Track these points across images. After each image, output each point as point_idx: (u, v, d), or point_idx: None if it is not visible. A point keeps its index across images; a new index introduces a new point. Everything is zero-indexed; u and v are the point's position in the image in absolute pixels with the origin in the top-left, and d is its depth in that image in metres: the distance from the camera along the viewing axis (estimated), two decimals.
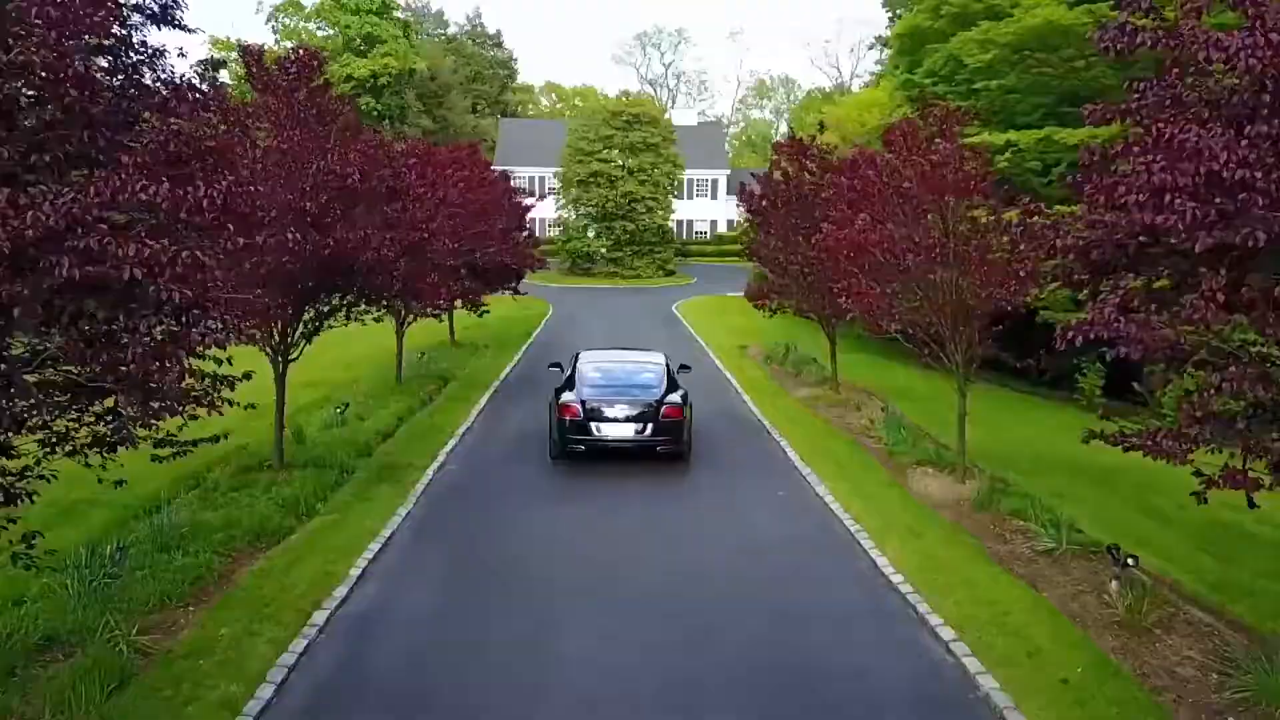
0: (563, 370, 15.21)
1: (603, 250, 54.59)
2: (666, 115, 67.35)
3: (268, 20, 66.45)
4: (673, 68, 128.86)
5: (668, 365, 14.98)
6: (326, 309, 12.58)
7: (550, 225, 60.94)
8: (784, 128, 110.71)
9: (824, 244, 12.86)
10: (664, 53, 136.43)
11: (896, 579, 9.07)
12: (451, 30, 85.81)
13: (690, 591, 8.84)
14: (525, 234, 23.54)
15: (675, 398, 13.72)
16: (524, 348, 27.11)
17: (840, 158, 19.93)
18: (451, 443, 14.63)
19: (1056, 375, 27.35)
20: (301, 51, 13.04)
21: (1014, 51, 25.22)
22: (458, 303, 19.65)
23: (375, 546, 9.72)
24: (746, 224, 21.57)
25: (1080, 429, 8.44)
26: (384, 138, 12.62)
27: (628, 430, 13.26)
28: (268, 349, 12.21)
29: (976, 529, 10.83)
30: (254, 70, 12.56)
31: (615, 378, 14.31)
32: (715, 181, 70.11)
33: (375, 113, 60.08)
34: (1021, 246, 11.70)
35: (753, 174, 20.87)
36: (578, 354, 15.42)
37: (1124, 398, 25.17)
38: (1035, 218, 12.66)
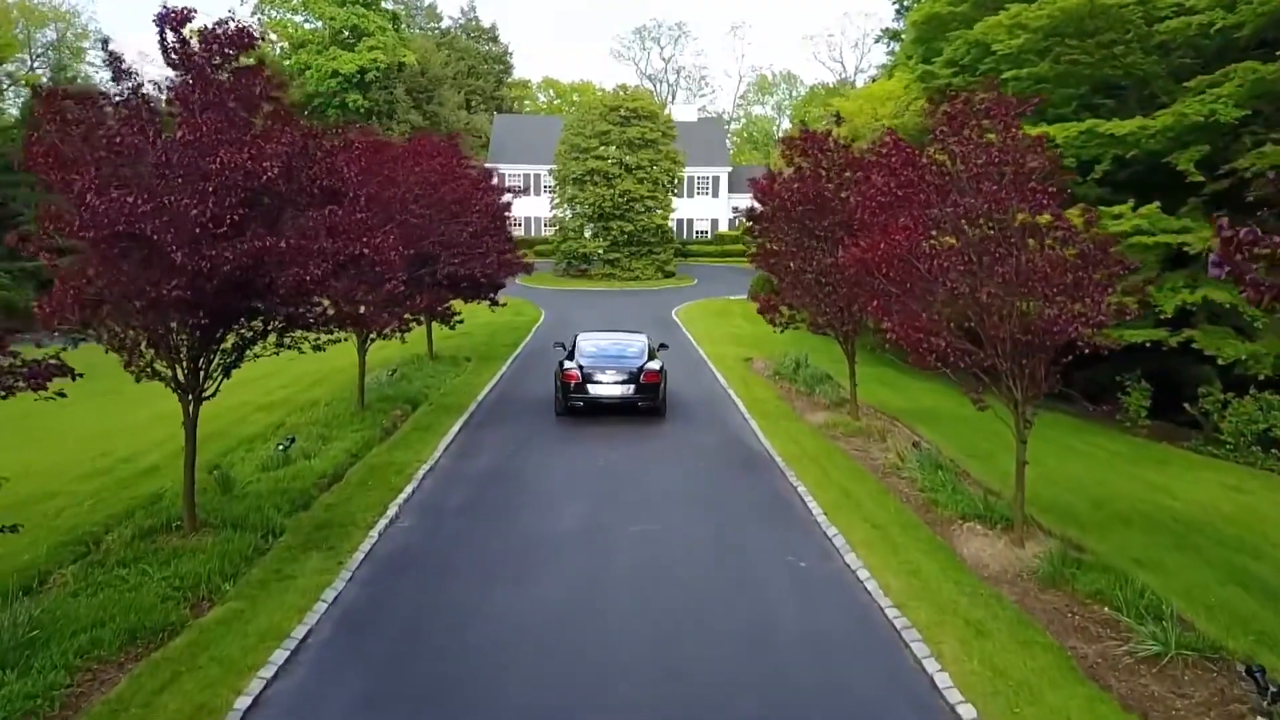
0: (565, 348, 18.74)
1: (599, 251, 52.28)
2: (666, 111, 65.09)
3: (253, 13, 64.13)
4: (672, 63, 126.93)
5: (648, 342, 18.72)
6: (250, 335, 10.34)
7: (546, 225, 58.70)
8: (786, 124, 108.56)
9: (857, 258, 10.58)
10: (663, 47, 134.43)
11: (966, 715, 6.81)
12: (445, 24, 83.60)
13: None
14: (506, 237, 21.07)
15: (653, 365, 17.39)
16: (509, 360, 24.85)
17: (861, 152, 17.65)
18: (408, 489, 12.37)
19: (1090, 390, 25.12)
20: (231, 24, 10.68)
21: (1047, 37, 22.94)
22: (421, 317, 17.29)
23: (279, 658, 7.44)
24: (751, 225, 19.21)
25: (1130, 455, 6.13)
26: (315, 127, 10.27)
27: (615, 390, 16.90)
28: (173, 386, 9.97)
29: (1051, 618, 8.58)
30: (170, 42, 10.24)
31: (606, 350, 17.82)
32: (716, 179, 67.86)
33: (363, 108, 57.87)
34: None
35: (765, 173, 18.49)
36: (577, 334, 18.97)
37: (1162, 415, 22.99)
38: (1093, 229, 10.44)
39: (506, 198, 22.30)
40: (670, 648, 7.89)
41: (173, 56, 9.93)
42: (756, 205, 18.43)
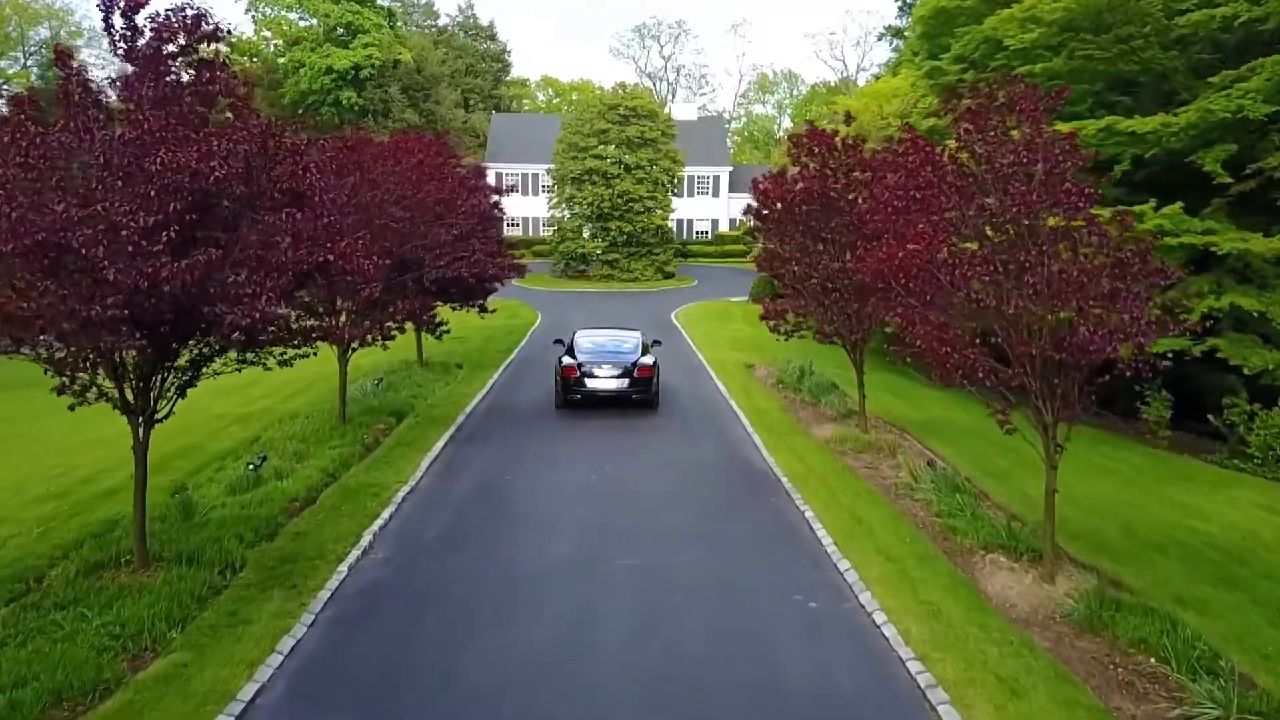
0: (564, 344, 19.63)
1: (598, 252, 51.36)
2: (666, 110, 64.14)
3: (247, 10, 63.16)
4: (672, 61, 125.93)
5: (642, 338, 19.45)
6: (206, 351, 9.43)
7: (544, 225, 57.81)
8: (787, 123, 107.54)
9: (874, 267, 9.66)
10: (663, 45, 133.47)
11: None
12: (442, 22, 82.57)
13: None
14: (496, 239, 20.04)
15: (647, 360, 18.20)
16: (502, 367, 23.94)
17: (870, 152, 16.75)
18: (385, 514, 11.46)
19: (1103, 398, 24.20)
20: (189, 11, 9.73)
21: (1062, 31, 22.01)
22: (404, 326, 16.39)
23: None
24: (754, 227, 18.32)
25: (1155, 471, 5.29)
26: (276, 123, 9.35)
27: (611, 384, 17.72)
28: (120, 408, 9.07)
29: (1091, 671, 7.68)
30: (117, 29, 9.31)
31: (603, 346, 18.64)
32: (717, 178, 66.96)
33: (357, 106, 56.92)
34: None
35: (766, 174, 17.57)
36: (575, 331, 19.84)
37: (1180, 424, 22.04)
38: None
39: (498, 197, 21.36)
40: (664, 710, 6.99)
41: (120, 45, 9.03)
42: (759, 205, 17.51)
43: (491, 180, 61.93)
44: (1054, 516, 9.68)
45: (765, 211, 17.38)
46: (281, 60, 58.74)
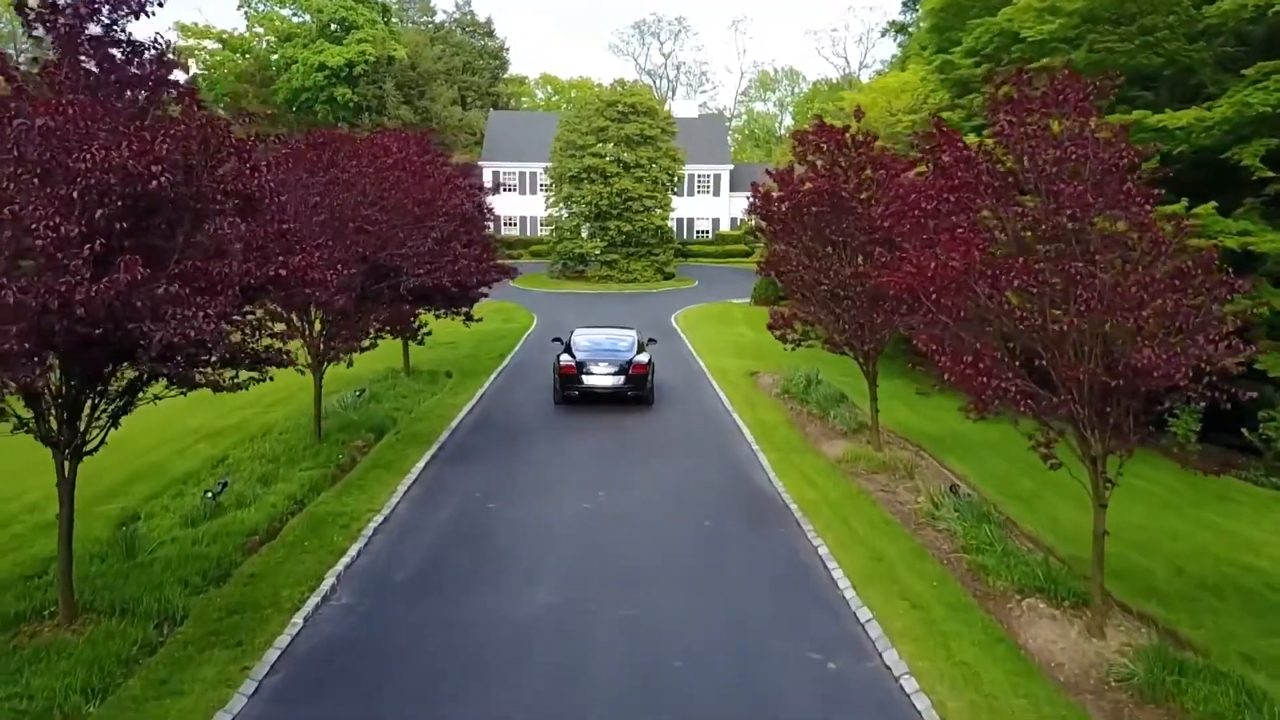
0: (562, 342, 19.98)
1: (596, 252, 50.20)
2: (666, 107, 63.02)
3: (239, 5, 61.95)
4: (672, 58, 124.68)
5: (638, 337, 19.89)
6: (136, 375, 8.29)
7: (542, 224, 56.67)
8: (789, 121, 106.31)
9: (904, 282, 8.50)
10: (663, 42, 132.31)
11: None
12: (439, 18, 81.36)
13: None
14: (482, 243, 18.71)
15: (642, 358, 18.60)
16: (493, 375, 22.80)
17: (882, 148, 15.63)
18: (353, 550, 10.34)
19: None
20: None
21: (1083, 21, 20.86)
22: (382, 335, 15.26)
23: None
24: (758, 231, 17.21)
25: (1189, 493, 4.53)
26: (220, 118, 8.21)
27: (607, 381, 18.14)
28: (40, 438, 7.96)
29: None
30: (27, 3, 8.17)
31: (600, 344, 19.08)
32: (718, 177, 65.80)
33: (351, 103, 55.74)
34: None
35: (768, 171, 16.42)
36: (573, 330, 20.23)
37: (1206, 437, 20.87)
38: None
39: (485, 196, 20.21)
40: None
41: (32, 16, 7.89)
42: (763, 205, 16.37)
43: (489, 179, 60.77)
44: (1103, 563, 8.55)
45: (770, 212, 16.25)
46: (274, 57, 57.55)
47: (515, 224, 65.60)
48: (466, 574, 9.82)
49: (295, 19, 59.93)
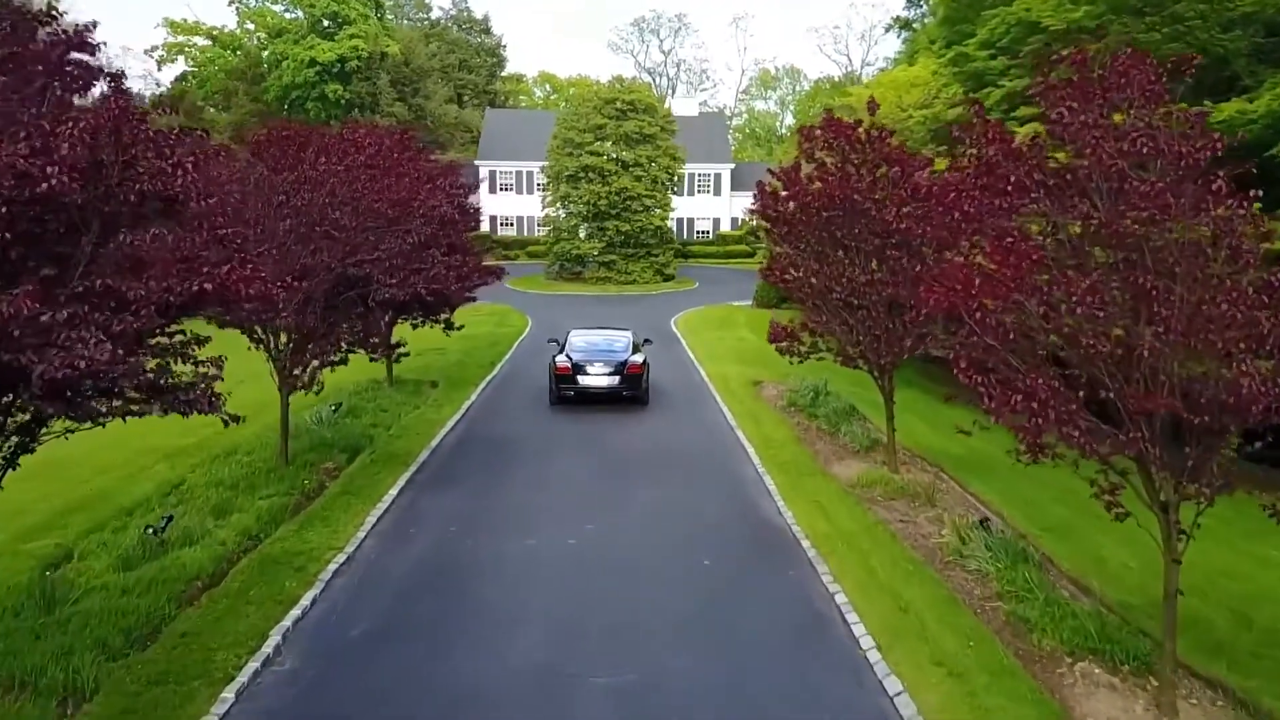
0: (558, 343, 19.94)
1: (594, 253, 48.92)
2: (666, 105, 61.82)
3: (230, 2, 60.65)
4: (672, 55, 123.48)
5: (633, 337, 19.84)
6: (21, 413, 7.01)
7: (539, 224, 55.43)
8: (790, 120, 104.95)
9: (942, 302, 7.23)
10: (663, 40, 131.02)
11: None
12: (435, 14, 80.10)
13: None
14: (464, 247, 17.30)
15: (637, 358, 18.59)
16: (482, 385, 21.54)
17: (901, 146, 14.39)
18: (306, 600, 9.08)
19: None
20: None
21: (1109, 9, 19.62)
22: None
23: None
24: (763, 233, 15.98)
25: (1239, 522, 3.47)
26: (136, 106, 6.92)
27: (602, 381, 18.14)
28: None
29: None
30: None
31: (595, 344, 19.12)
32: (718, 176, 64.57)
33: (343, 101, 54.43)
34: None
35: (770, 170, 15.17)
36: (569, 331, 20.17)
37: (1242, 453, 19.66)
38: None
39: (468, 196, 18.92)
40: None
41: None
42: (767, 205, 15.11)
43: (485, 178, 59.51)
44: (1175, 628, 7.30)
45: (776, 213, 14.99)
46: (265, 54, 56.26)
47: (512, 224, 64.38)
48: (433, 628, 8.57)
49: (288, 15, 58.65)
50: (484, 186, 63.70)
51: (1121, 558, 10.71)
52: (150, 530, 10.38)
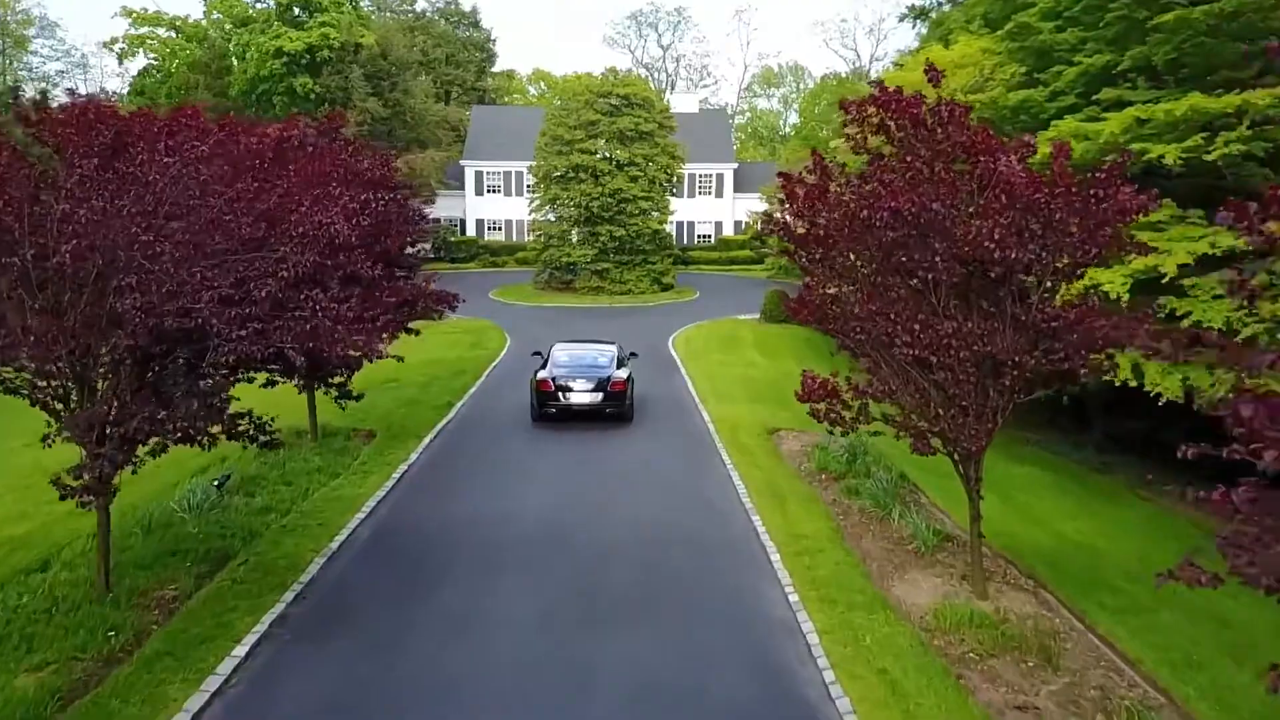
0: (542, 356, 19.60)
1: (586, 260, 44.66)
2: (665, 100, 57.58)
3: None
4: (671, 50, 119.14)
5: (618, 352, 19.44)
6: None
7: (529, 229, 51.19)
8: (794, 118, 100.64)
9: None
10: (661, 34, 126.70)
11: None
12: (420, 6, 75.82)
13: None
14: (370, 282, 12.51)
15: (621, 374, 18.28)
16: (431, 435, 17.22)
17: (986, 129, 10.09)
18: None
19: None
20: None
21: None
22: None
23: None
24: (788, 245, 11.63)
25: None
26: None
27: (585, 398, 17.83)
28: None
29: None
30: None
31: (579, 359, 18.80)
32: (720, 177, 60.29)
33: (312, 94, 50.09)
34: None
35: (813, 165, 10.82)
36: (553, 344, 19.89)
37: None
38: None
39: (402, 199, 14.55)
40: None
41: None
42: (798, 214, 10.84)
43: (471, 179, 55.25)
44: None
45: (804, 231, 10.71)
46: (230, 45, 51.96)
47: (500, 228, 60.18)
48: None
49: (261, 5, 54.28)
50: (470, 188, 59.63)
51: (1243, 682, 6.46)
52: None
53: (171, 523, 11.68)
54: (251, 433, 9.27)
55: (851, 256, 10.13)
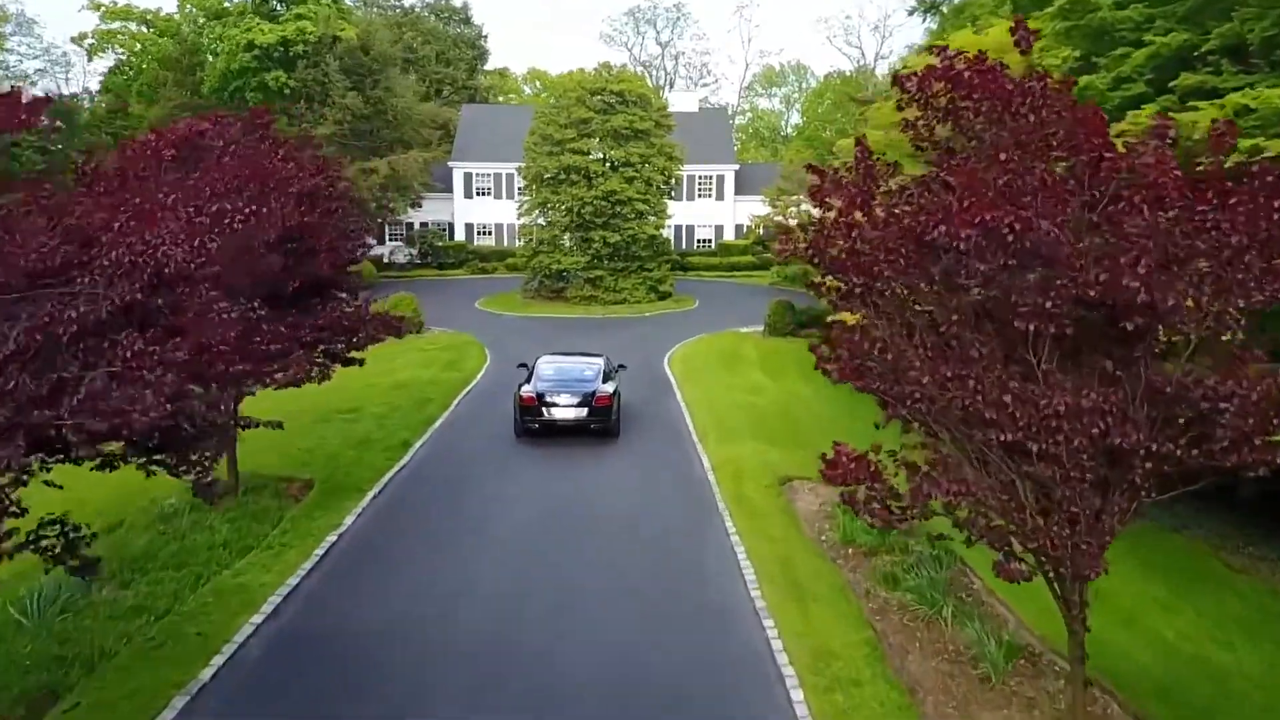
0: (527, 368, 18.81)
1: (577, 267, 41.82)
2: (662, 97, 54.64)
3: None
4: (670, 48, 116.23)
5: (604, 365, 18.57)
6: None
7: (519, 234, 48.39)
8: (796, 118, 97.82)
9: None
10: (660, 31, 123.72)
11: None
12: (409, 1, 72.99)
13: None
14: (231, 319, 9.76)
15: (607, 388, 17.63)
16: (379, 486, 14.39)
17: (1095, 106, 7.28)
18: None
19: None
20: None
21: None
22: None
23: None
24: (814, 271, 8.82)
25: None
26: None
27: (569, 413, 17.21)
28: None
29: None
30: None
31: (565, 372, 18.10)
32: (721, 178, 57.42)
33: (288, 90, 47.26)
34: None
35: (857, 163, 7.98)
36: (538, 357, 19.22)
37: None
38: None
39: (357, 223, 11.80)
40: None
41: None
42: (830, 229, 8.03)
43: (460, 181, 52.42)
44: None
45: (837, 252, 7.89)
46: (202, 39, 49.11)
47: (490, 232, 57.33)
48: None
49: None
50: (459, 190, 56.86)
51: None
52: None
53: (2, 635, 8.88)
54: (57, 551, 6.42)
55: (904, 291, 7.30)
